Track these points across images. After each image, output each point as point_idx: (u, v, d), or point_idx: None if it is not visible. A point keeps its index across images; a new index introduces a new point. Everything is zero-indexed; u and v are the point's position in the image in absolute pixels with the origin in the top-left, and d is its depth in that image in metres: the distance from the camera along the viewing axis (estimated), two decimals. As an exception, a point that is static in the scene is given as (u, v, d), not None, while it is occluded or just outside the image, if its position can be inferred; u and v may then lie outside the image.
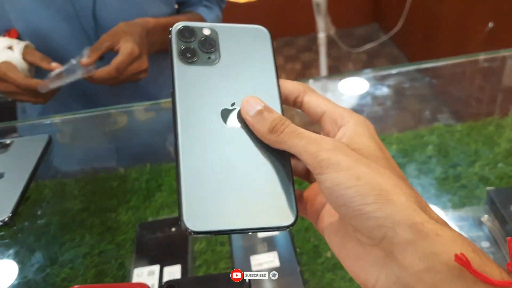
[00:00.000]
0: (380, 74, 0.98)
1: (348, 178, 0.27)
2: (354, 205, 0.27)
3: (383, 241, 0.26)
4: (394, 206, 0.26)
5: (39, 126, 0.88)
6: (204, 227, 0.29)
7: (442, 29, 2.41)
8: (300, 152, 0.29)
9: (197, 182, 0.30)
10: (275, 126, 0.31)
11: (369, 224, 0.26)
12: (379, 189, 0.27)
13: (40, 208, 0.73)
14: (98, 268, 0.64)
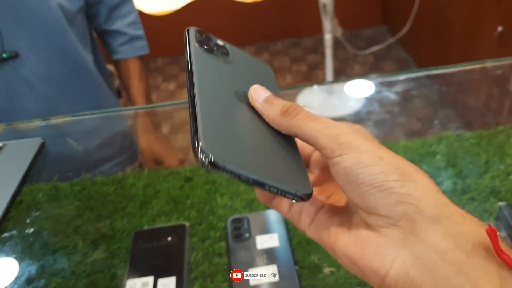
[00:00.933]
0: (387, 79, 0.95)
1: (371, 158, 0.27)
2: (376, 181, 0.26)
3: (403, 218, 0.25)
4: (417, 185, 0.26)
5: (34, 129, 0.85)
6: (226, 161, 0.26)
7: (450, 32, 2.38)
8: (316, 136, 0.29)
9: (216, 119, 0.28)
10: (287, 110, 0.31)
11: (389, 200, 0.26)
12: (402, 169, 0.27)
13: (32, 214, 0.71)
14: (90, 278, 0.62)
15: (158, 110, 1.03)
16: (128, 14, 1.01)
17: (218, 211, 0.70)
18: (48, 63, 0.87)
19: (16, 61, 0.84)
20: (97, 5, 0.97)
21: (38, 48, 0.86)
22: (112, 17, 1.00)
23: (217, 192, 0.74)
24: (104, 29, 1.00)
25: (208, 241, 0.66)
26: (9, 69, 0.85)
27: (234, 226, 0.67)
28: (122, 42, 1.02)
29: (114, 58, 1.05)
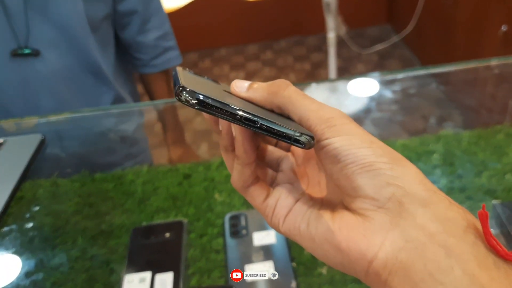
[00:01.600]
0: (388, 77, 0.96)
1: (362, 141, 0.27)
2: (365, 161, 0.26)
3: (390, 201, 0.25)
4: (406, 170, 0.26)
5: (34, 125, 0.86)
6: (212, 95, 0.26)
7: (455, 31, 2.37)
8: (309, 116, 0.28)
9: (198, 84, 0.28)
10: (275, 85, 0.30)
11: (377, 181, 0.26)
12: (392, 154, 0.27)
13: (33, 209, 0.72)
14: (89, 273, 0.62)
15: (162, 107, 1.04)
16: (161, 26, 1.01)
17: (216, 208, 0.71)
18: (66, 65, 0.88)
19: (36, 59, 0.85)
20: (129, 16, 0.97)
21: (59, 49, 0.87)
22: (145, 28, 0.99)
23: (215, 189, 0.75)
24: (137, 40, 1.00)
25: (205, 238, 0.66)
26: (29, 65, 0.86)
27: (232, 223, 0.67)
28: (155, 55, 1.02)
29: (145, 72, 1.05)
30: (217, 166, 0.80)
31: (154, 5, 0.99)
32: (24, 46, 0.84)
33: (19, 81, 0.87)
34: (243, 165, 0.31)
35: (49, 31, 0.85)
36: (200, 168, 0.80)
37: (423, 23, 2.68)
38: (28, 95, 0.88)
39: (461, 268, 0.22)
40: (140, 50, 1.01)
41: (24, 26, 0.83)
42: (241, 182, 0.32)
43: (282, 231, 0.31)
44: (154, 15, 0.99)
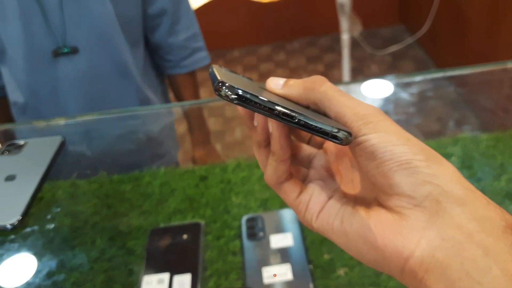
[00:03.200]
0: (404, 79, 0.95)
1: (398, 138, 0.27)
2: (402, 158, 0.26)
3: (427, 199, 0.25)
4: (443, 168, 0.26)
5: (54, 127, 0.88)
6: (251, 91, 0.26)
7: (470, 32, 2.35)
8: (345, 113, 0.28)
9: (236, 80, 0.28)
10: (311, 81, 0.30)
11: (414, 179, 0.25)
12: (429, 152, 0.27)
13: (52, 210, 0.73)
14: (107, 274, 0.63)
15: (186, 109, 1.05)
16: (190, 26, 1.02)
17: (233, 210, 0.71)
18: (95, 65, 0.90)
19: (73, 57, 0.87)
20: (159, 17, 0.98)
21: (90, 48, 0.89)
22: (175, 30, 1.01)
23: (232, 191, 0.75)
24: (167, 42, 1.01)
25: (222, 240, 0.67)
26: (65, 63, 0.88)
27: (249, 225, 0.67)
28: (184, 56, 1.03)
29: (174, 72, 1.06)
30: (233, 168, 0.80)
31: (183, 6, 1.00)
32: (63, 45, 0.86)
33: (51, 81, 0.88)
34: (278, 161, 0.31)
35: (82, 30, 0.87)
36: (216, 170, 0.80)
37: (437, 24, 2.66)
38: (59, 95, 0.90)
39: (500, 268, 0.22)
40: (170, 52, 1.02)
41: (60, 26, 0.84)
42: (275, 178, 0.32)
43: (315, 227, 0.31)
44: (183, 16, 1.00)
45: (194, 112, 1.05)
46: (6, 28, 0.84)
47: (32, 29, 0.84)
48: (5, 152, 0.69)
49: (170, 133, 1.06)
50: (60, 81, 0.89)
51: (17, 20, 0.83)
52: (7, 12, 0.83)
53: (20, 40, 0.85)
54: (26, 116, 0.93)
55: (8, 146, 0.70)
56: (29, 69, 0.87)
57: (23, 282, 0.62)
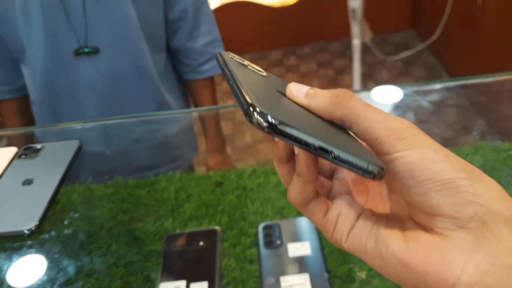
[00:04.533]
0: (418, 87, 0.94)
1: (437, 154, 0.25)
2: (444, 177, 0.24)
3: (472, 220, 0.24)
4: (487, 186, 0.24)
5: (69, 130, 0.88)
6: (285, 119, 0.23)
7: (482, 39, 2.33)
8: (375, 128, 0.26)
9: (264, 96, 0.26)
10: (338, 96, 0.28)
11: (458, 199, 0.24)
12: (469, 168, 0.25)
13: (68, 215, 0.72)
14: (123, 280, 0.63)
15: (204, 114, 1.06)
16: (210, 32, 1.02)
17: (249, 217, 0.70)
18: (116, 67, 0.91)
19: (94, 57, 0.88)
20: (180, 22, 0.99)
21: (111, 50, 0.90)
22: (195, 34, 1.01)
23: (248, 198, 0.74)
24: (186, 46, 1.01)
25: (239, 247, 0.66)
26: (85, 64, 0.89)
27: (266, 233, 0.67)
28: (203, 61, 1.03)
29: (191, 78, 1.06)
30: (249, 174, 0.79)
31: (204, 12, 1.00)
32: (84, 45, 0.86)
33: (71, 81, 0.89)
34: (305, 183, 0.29)
35: (104, 32, 0.88)
36: (232, 176, 0.79)
37: (449, 30, 2.64)
38: (78, 95, 0.90)
39: None
40: (189, 56, 1.02)
41: (83, 27, 0.85)
42: (300, 200, 0.30)
43: (346, 248, 0.29)
44: (203, 21, 1.00)
45: (210, 118, 1.05)
46: (29, 27, 0.85)
47: (54, 29, 0.85)
48: (22, 156, 0.69)
49: (187, 137, 1.06)
50: (80, 81, 0.89)
51: (40, 20, 0.84)
52: (31, 12, 0.83)
53: (41, 39, 0.85)
54: (45, 115, 0.94)
55: (25, 150, 0.70)
56: (49, 68, 0.88)
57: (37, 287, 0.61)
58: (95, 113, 0.92)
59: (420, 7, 3.17)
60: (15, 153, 0.70)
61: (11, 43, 0.90)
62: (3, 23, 0.87)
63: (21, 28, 0.85)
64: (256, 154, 2.10)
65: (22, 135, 0.90)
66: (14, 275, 0.62)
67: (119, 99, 0.94)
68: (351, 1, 2.29)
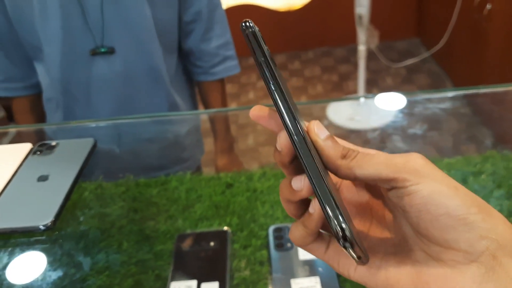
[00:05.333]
0: (427, 95, 0.95)
1: (448, 187, 0.26)
2: (458, 213, 0.25)
3: (484, 254, 0.25)
4: (496, 219, 0.25)
5: (81, 128, 0.88)
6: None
7: (487, 49, 2.34)
8: (380, 170, 0.27)
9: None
10: (347, 153, 0.29)
11: (471, 235, 0.25)
12: (479, 201, 0.26)
13: (80, 212, 0.73)
14: (134, 278, 0.63)
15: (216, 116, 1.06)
16: (223, 34, 1.03)
17: (260, 219, 0.71)
18: (129, 67, 0.92)
19: (109, 57, 0.89)
20: (193, 24, 0.99)
21: (125, 50, 0.90)
22: (208, 37, 1.02)
23: (258, 200, 0.75)
24: (199, 48, 1.02)
25: (249, 249, 0.66)
26: (100, 63, 0.90)
27: (276, 235, 0.67)
28: (215, 63, 1.04)
29: (203, 79, 1.07)
30: (259, 176, 0.80)
31: (217, 14, 1.01)
32: (100, 45, 0.87)
33: (85, 80, 0.90)
34: (310, 234, 0.30)
35: (120, 32, 0.88)
36: (242, 178, 0.80)
37: (454, 39, 2.65)
38: (91, 93, 0.91)
39: None
40: (201, 58, 1.02)
41: (99, 26, 0.86)
42: (300, 243, 0.31)
43: (354, 279, 0.30)
44: (217, 23, 1.01)
45: (220, 119, 1.06)
46: (46, 26, 0.86)
47: (71, 28, 0.86)
48: (37, 152, 0.69)
49: (195, 138, 1.07)
50: (94, 80, 0.90)
51: (58, 19, 0.84)
52: (49, 11, 0.84)
53: (58, 38, 0.86)
54: (58, 113, 0.95)
55: (39, 146, 0.71)
56: (65, 67, 0.89)
57: (49, 284, 0.62)
58: (108, 112, 0.93)
59: (425, 16, 3.18)
60: (30, 149, 0.71)
61: (27, 41, 0.90)
62: (20, 20, 0.88)
63: (38, 26, 0.86)
64: (258, 157, 2.11)
65: (34, 132, 0.90)
66: (25, 271, 0.62)
67: (131, 99, 0.94)
68: (358, 7, 2.30)
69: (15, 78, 0.97)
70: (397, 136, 0.88)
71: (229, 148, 1.07)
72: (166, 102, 0.98)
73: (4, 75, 0.96)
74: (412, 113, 0.91)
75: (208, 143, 1.13)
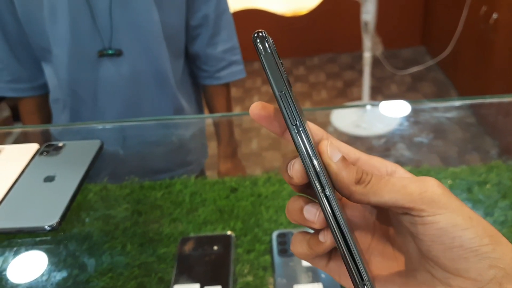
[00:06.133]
0: (433, 104, 0.95)
1: (464, 219, 0.26)
2: (472, 245, 0.26)
3: (491, 282, 0.26)
4: (506, 248, 0.26)
5: (86, 129, 0.89)
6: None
7: (493, 58, 2.34)
8: (397, 198, 0.27)
9: None
10: (361, 177, 0.28)
11: (482, 265, 0.26)
12: (491, 231, 0.27)
13: (84, 213, 0.73)
14: (137, 281, 0.63)
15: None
16: (229, 39, 1.04)
17: (264, 224, 0.71)
18: (136, 70, 0.93)
19: (117, 60, 0.89)
20: (200, 28, 1.00)
21: (133, 53, 0.91)
22: (214, 41, 1.02)
23: (262, 205, 0.75)
24: (205, 52, 1.02)
25: (253, 254, 0.66)
26: (107, 65, 0.90)
27: (280, 241, 0.67)
28: (220, 67, 1.04)
29: (208, 83, 1.07)
30: (264, 181, 0.80)
31: (225, 18, 1.01)
32: (108, 47, 0.88)
33: (92, 81, 0.90)
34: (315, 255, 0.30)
35: (128, 35, 0.89)
36: (246, 183, 0.80)
37: (460, 48, 2.65)
38: (98, 95, 0.92)
39: None
40: (207, 62, 1.03)
41: (107, 29, 0.86)
42: (302, 258, 0.31)
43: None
44: (224, 28, 1.01)
45: (224, 124, 1.06)
46: (55, 27, 0.86)
47: (79, 30, 0.86)
48: (44, 153, 0.70)
49: (200, 142, 1.07)
50: (101, 82, 0.91)
51: (66, 20, 0.85)
52: (58, 12, 0.85)
53: (67, 40, 0.86)
54: (65, 114, 0.95)
55: (46, 147, 0.71)
56: (73, 68, 0.89)
57: (53, 284, 0.62)
58: (114, 114, 0.94)
59: (431, 24, 3.18)
60: (37, 149, 0.71)
61: (36, 42, 0.91)
62: (30, 22, 0.88)
63: (48, 28, 0.87)
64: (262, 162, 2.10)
65: (40, 133, 0.91)
66: (30, 271, 0.62)
67: (137, 102, 0.95)
68: (364, 14, 2.31)
69: (23, 79, 0.98)
70: (402, 144, 0.88)
71: (233, 153, 1.07)
72: (172, 105, 0.99)
73: (12, 75, 0.97)
74: (417, 121, 0.91)
75: (212, 147, 1.13)
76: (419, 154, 0.88)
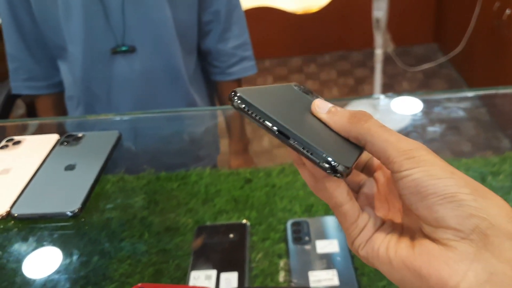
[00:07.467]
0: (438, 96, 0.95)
1: (443, 171, 0.27)
2: (447, 192, 0.26)
3: (474, 232, 0.25)
4: (490, 202, 0.26)
5: (103, 122, 0.90)
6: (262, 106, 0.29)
7: (506, 54, 2.32)
8: (386, 148, 0.29)
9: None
10: (356, 116, 0.30)
11: (460, 212, 0.25)
12: (475, 185, 0.27)
13: (103, 203, 0.75)
14: (155, 267, 0.65)
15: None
16: (240, 35, 1.05)
17: (278, 214, 0.72)
18: (149, 66, 0.94)
19: (130, 56, 0.91)
20: (211, 24, 1.01)
21: (146, 50, 0.93)
22: (226, 37, 1.03)
23: (276, 195, 0.76)
24: (217, 48, 1.04)
25: (268, 242, 0.68)
26: (121, 62, 0.92)
27: (294, 229, 0.68)
28: (232, 63, 1.06)
29: (220, 79, 1.09)
30: (277, 172, 0.81)
31: (236, 15, 1.02)
32: (121, 44, 0.89)
33: (106, 78, 0.92)
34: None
35: (140, 31, 0.90)
36: (260, 174, 0.81)
37: (472, 45, 2.64)
38: (112, 92, 0.94)
39: None
40: (218, 58, 1.04)
41: (120, 26, 0.88)
42: (327, 195, 0.32)
43: (361, 255, 0.31)
44: (235, 24, 1.02)
45: (235, 120, 1.07)
46: (70, 26, 0.88)
47: (93, 28, 0.88)
48: (64, 143, 0.71)
49: (213, 136, 1.08)
50: (115, 79, 0.92)
51: (80, 18, 0.87)
52: (72, 10, 0.87)
53: (81, 38, 0.88)
54: (79, 111, 0.97)
55: (66, 137, 0.73)
56: (87, 66, 0.91)
57: (74, 269, 0.64)
58: (127, 110, 0.95)
59: (443, 21, 3.17)
60: (57, 140, 0.73)
61: (52, 40, 0.93)
62: (46, 20, 0.91)
63: (63, 26, 0.89)
64: (273, 159, 2.11)
65: (56, 126, 0.93)
66: (51, 256, 0.64)
67: (150, 98, 0.96)
68: (376, 11, 2.30)
69: (39, 77, 1.00)
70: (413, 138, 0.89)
71: (244, 149, 1.09)
72: (185, 101, 1.00)
73: (28, 73, 0.99)
74: (428, 115, 0.91)
75: (224, 144, 1.14)
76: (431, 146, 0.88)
